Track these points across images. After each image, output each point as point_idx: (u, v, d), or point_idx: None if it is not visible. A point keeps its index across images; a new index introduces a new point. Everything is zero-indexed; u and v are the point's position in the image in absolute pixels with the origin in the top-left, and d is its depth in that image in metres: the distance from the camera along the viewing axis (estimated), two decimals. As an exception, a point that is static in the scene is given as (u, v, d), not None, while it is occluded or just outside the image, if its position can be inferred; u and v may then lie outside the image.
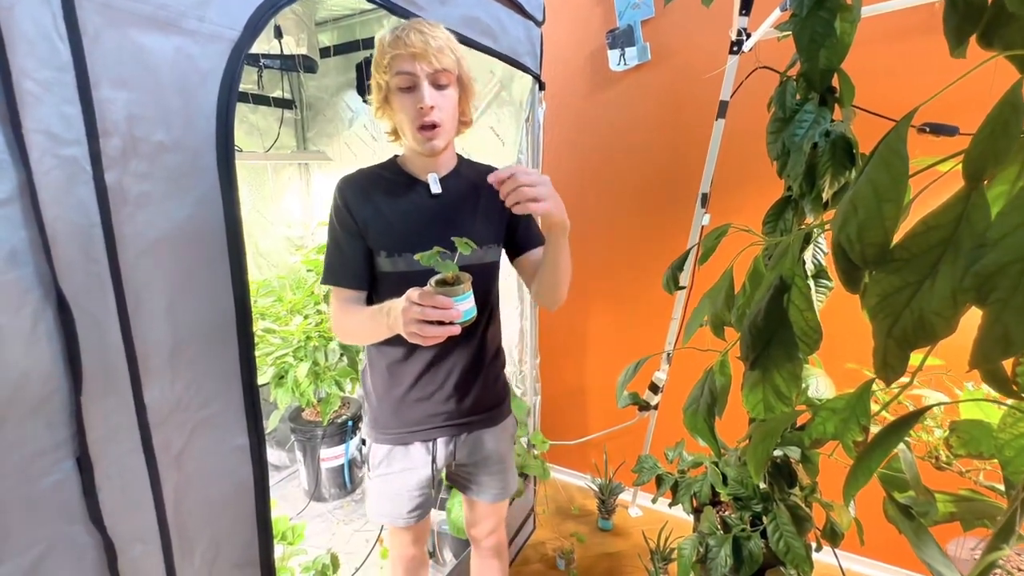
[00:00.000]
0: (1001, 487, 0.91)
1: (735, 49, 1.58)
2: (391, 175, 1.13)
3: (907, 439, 0.78)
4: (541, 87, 1.81)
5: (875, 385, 0.57)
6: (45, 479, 0.63)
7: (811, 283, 0.97)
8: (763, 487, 1.13)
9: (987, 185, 0.37)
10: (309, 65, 2.11)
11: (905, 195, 0.41)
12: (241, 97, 2.21)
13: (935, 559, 0.67)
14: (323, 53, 2.31)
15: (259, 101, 2.31)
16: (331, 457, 2.26)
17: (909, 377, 0.50)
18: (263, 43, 1.96)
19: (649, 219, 2.19)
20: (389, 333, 0.98)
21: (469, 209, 1.15)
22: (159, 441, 0.75)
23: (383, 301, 1.11)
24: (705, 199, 1.79)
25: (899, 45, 1.63)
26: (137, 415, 0.72)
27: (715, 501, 1.35)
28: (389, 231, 1.08)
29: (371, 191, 1.10)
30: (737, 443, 1.31)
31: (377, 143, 2.41)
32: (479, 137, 2.05)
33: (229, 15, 0.77)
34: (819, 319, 0.61)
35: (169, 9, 0.69)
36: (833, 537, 1.08)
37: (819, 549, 1.10)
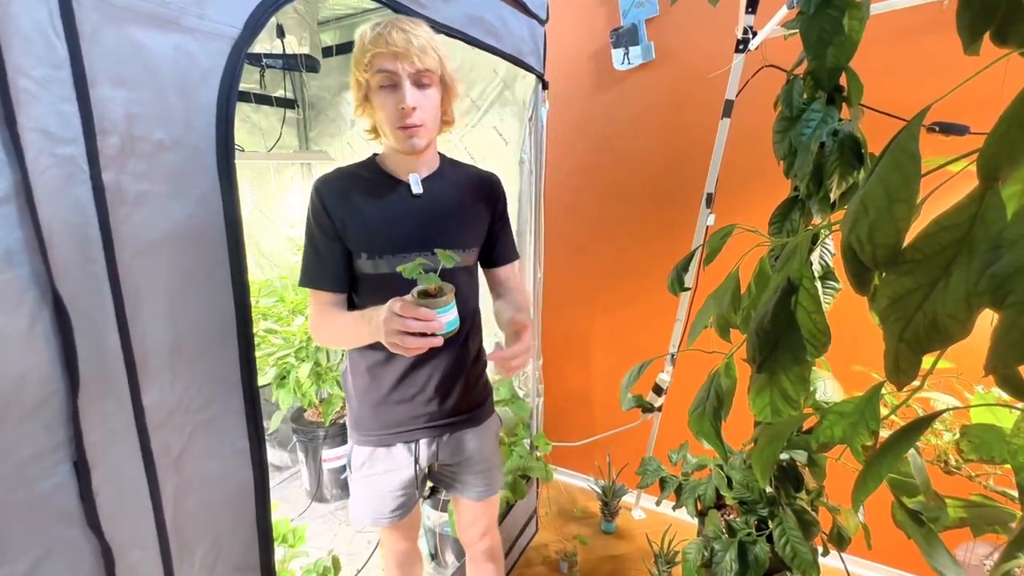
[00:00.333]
0: (1012, 492, 0.90)
1: (741, 47, 1.56)
2: (370, 175, 1.11)
3: (916, 443, 0.77)
4: (544, 86, 1.80)
5: (884, 388, 0.56)
6: (42, 483, 0.63)
7: (818, 285, 0.96)
8: (769, 491, 1.12)
9: (1002, 185, 0.36)
10: (311, 65, 2.10)
11: (917, 195, 0.40)
12: (243, 97, 2.21)
13: (946, 566, 0.66)
14: (325, 52, 2.31)
15: (261, 101, 2.30)
16: (333, 458, 2.25)
17: (919, 381, 0.49)
18: (265, 42, 1.96)
19: (653, 219, 2.17)
20: (369, 340, 0.98)
21: (451, 211, 1.13)
22: (158, 444, 0.74)
23: (364, 302, 1.11)
24: (710, 199, 1.78)
25: (907, 43, 1.61)
26: (135, 418, 0.71)
27: (720, 504, 1.33)
28: (369, 233, 1.06)
29: (350, 191, 1.07)
30: (742, 446, 1.29)
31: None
32: (483, 136, 2.04)
33: (229, 12, 0.76)
34: (827, 321, 0.60)
35: (168, 6, 0.68)
36: (840, 541, 1.07)
37: (826, 554, 1.09)
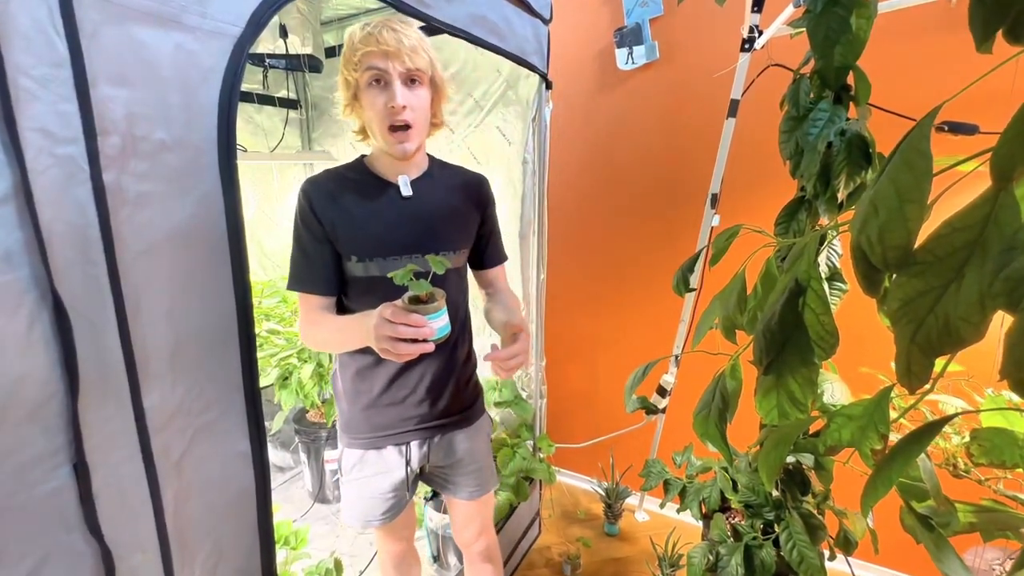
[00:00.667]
0: (1023, 496, 0.88)
1: (746, 46, 1.55)
2: (359, 176, 1.10)
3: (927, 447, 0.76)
4: (548, 86, 1.79)
5: (892, 391, 0.55)
6: (41, 486, 0.62)
7: (825, 286, 0.95)
8: (775, 494, 1.11)
9: (1015, 185, 0.35)
10: (314, 65, 2.10)
11: (928, 195, 0.39)
12: (246, 97, 2.21)
13: (957, 572, 0.65)
14: (328, 53, 2.30)
15: (264, 101, 2.30)
16: (335, 459, 2.24)
17: (930, 383, 0.48)
18: (268, 43, 1.96)
19: (657, 220, 2.16)
20: (360, 345, 0.98)
21: (441, 213, 1.12)
22: (158, 447, 0.74)
23: (354, 305, 1.10)
24: (715, 199, 1.77)
25: (915, 41, 1.60)
26: (136, 420, 0.70)
27: (725, 507, 1.32)
28: (359, 235, 1.05)
29: (338, 193, 1.06)
30: (748, 449, 1.28)
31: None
32: (486, 137, 2.03)
33: (231, 11, 0.75)
34: (835, 323, 0.59)
35: (170, 4, 0.68)
36: (847, 546, 1.06)
37: (832, 558, 1.08)
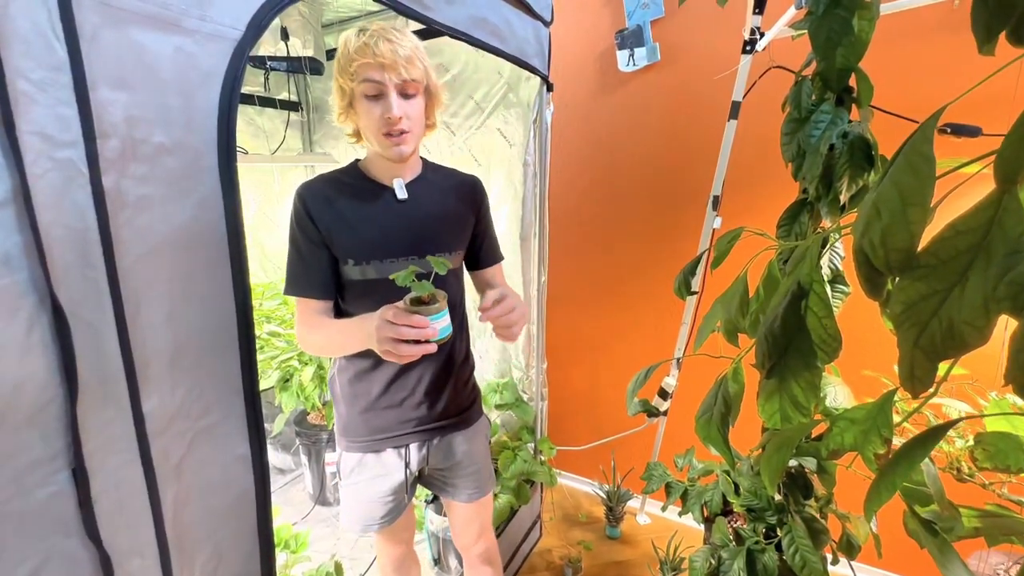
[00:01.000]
0: (1027, 501, 0.88)
1: (748, 48, 1.55)
2: (353, 180, 1.10)
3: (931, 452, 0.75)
4: (549, 88, 1.79)
5: (896, 395, 0.54)
6: (39, 491, 0.62)
7: (828, 289, 0.94)
8: (777, 498, 1.10)
9: (1020, 188, 0.35)
10: (315, 67, 2.10)
11: (931, 198, 0.39)
12: (247, 99, 2.21)
13: (961, 577, 0.64)
14: (329, 55, 2.30)
15: (265, 103, 2.31)
16: (335, 461, 2.24)
17: (933, 387, 0.48)
18: (270, 45, 1.96)
19: (659, 222, 2.16)
20: (360, 348, 0.97)
21: (436, 215, 1.13)
22: (158, 451, 0.73)
23: (351, 309, 1.10)
24: (717, 202, 1.76)
25: (917, 43, 1.59)
26: (135, 425, 0.70)
27: (727, 511, 1.32)
28: (355, 239, 1.05)
29: (334, 198, 1.06)
30: (750, 452, 1.28)
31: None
32: (487, 139, 2.03)
33: (231, 14, 0.75)
34: (838, 326, 0.58)
35: (169, 8, 0.68)
36: (850, 550, 1.05)
37: (835, 562, 1.07)
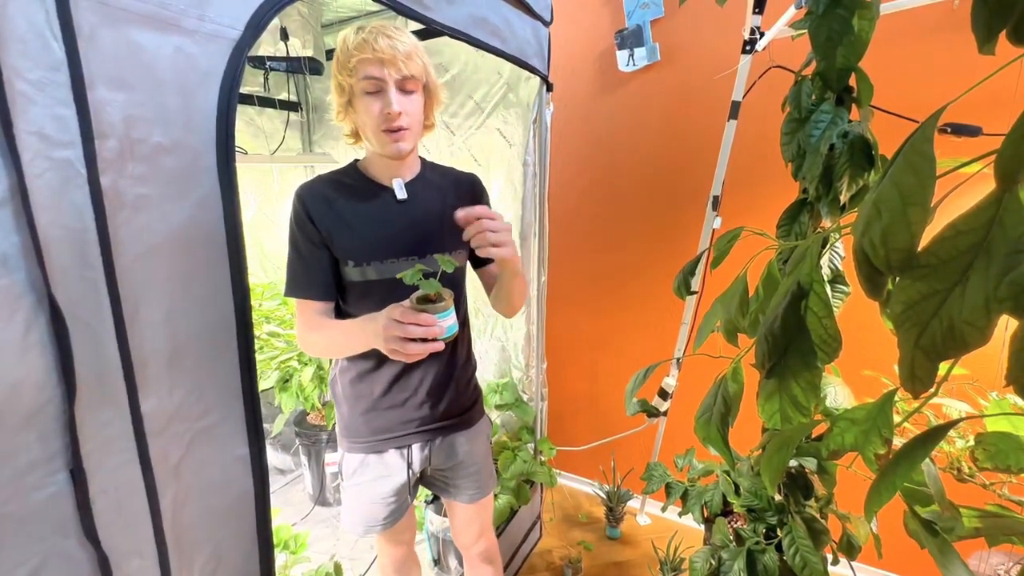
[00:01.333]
0: (1027, 501, 0.88)
1: (748, 48, 1.55)
2: (353, 181, 1.10)
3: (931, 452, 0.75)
4: (549, 88, 1.79)
5: (897, 395, 0.54)
6: (37, 492, 0.62)
7: (828, 289, 0.94)
8: (777, 499, 1.10)
9: (1021, 187, 0.35)
10: (315, 67, 2.10)
11: (932, 198, 0.38)
12: (247, 99, 2.21)
13: (961, 578, 0.64)
14: (329, 55, 2.30)
15: (265, 103, 2.30)
16: (336, 462, 2.24)
17: (934, 388, 0.48)
18: (269, 45, 1.96)
19: (658, 222, 2.16)
20: (365, 348, 0.97)
21: (436, 214, 1.12)
22: (156, 452, 0.73)
23: (352, 310, 1.10)
24: (716, 202, 1.76)
25: (917, 43, 1.59)
26: (133, 425, 0.70)
27: (727, 511, 1.31)
28: (355, 239, 1.05)
29: (333, 198, 1.06)
30: (750, 452, 1.28)
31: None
32: (486, 139, 2.03)
33: (230, 14, 0.75)
34: (838, 326, 0.58)
35: (168, 7, 0.68)
36: (850, 550, 1.05)
37: (836, 562, 1.07)
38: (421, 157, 1.19)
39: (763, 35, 1.51)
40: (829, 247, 0.96)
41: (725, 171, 1.72)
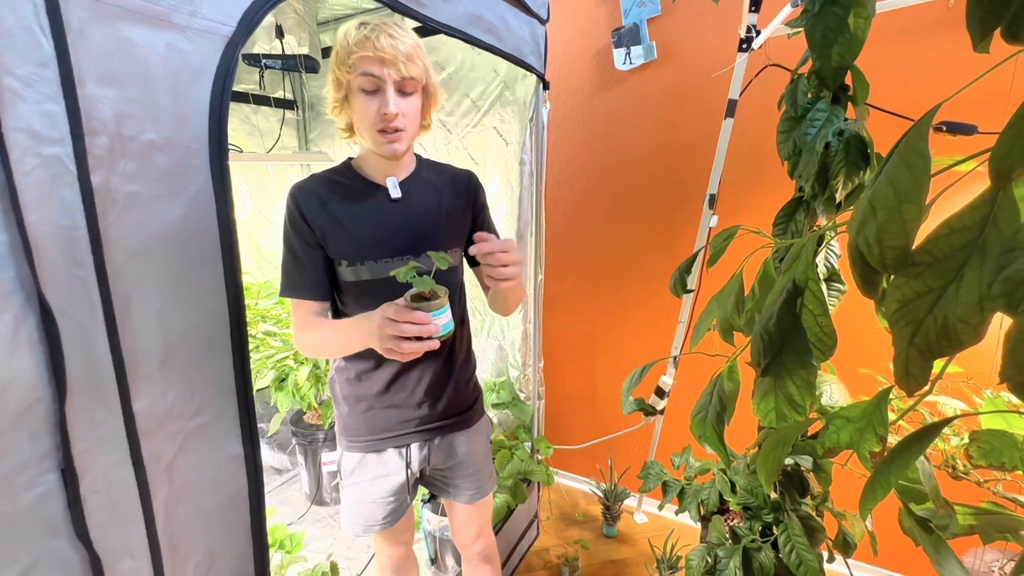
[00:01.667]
0: (1023, 498, 0.88)
1: (744, 47, 1.55)
2: (347, 180, 1.09)
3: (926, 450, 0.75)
4: (545, 86, 1.79)
5: (892, 393, 0.54)
6: (27, 492, 0.61)
7: (823, 287, 0.94)
8: (773, 496, 1.10)
9: (1014, 185, 0.35)
10: (311, 65, 2.09)
11: (927, 196, 0.38)
12: (242, 97, 2.20)
13: (955, 575, 0.64)
14: (325, 53, 2.29)
15: (260, 102, 2.29)
16: (332, 461, 2.24)
17: (928, 385, 0.48)
18: (264, 43, 1.95)
19: (655, 220, 2.16)
20: (361, 348, 0.96)
21: (432, 213, 1.11)
22: (149, 452, 0.73)
23: (348, 310, 1.09)
24: (713, 200, 1.76)
25: (913, 41, 1.59)
26: (125, 425, 0.69)
27: (723, 509, 1.31)
28: (349, 239, 1.04)
29: (327, 198, 1.05)
30: (746, 450, 1.28)
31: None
32: (483, 137, 2.03)
33: (222, 10, 0.74)
34: (833, 325, 0.58)
35: (159, 3, 0.67)
36: (846, 548, 1.05)
37: (831, 560, 1.07)
38: (416, 154, 1.18)
39: (759, 33, 1.51)
40: (825, 245, 0.96)
41: (722, 169, 1.72)
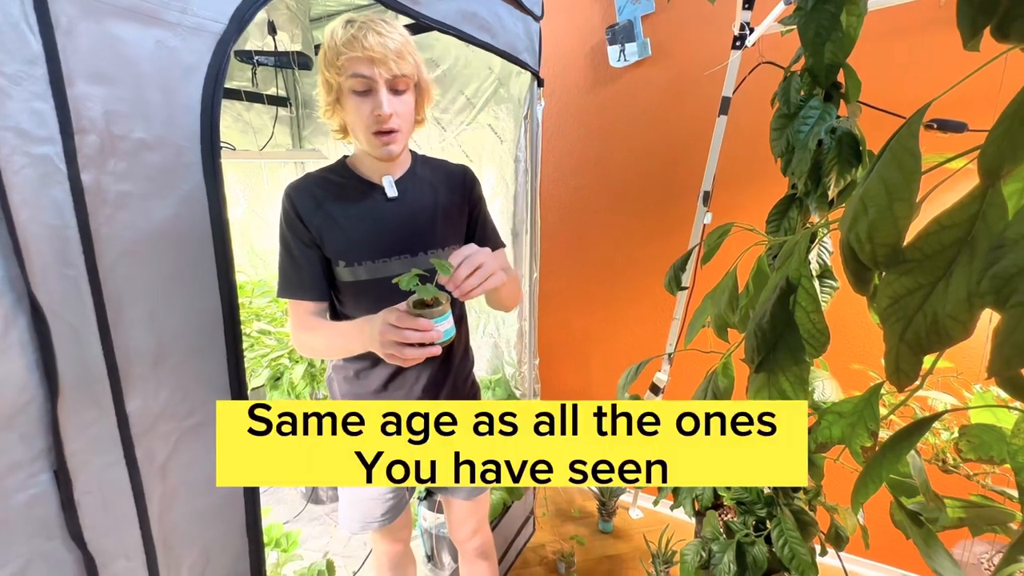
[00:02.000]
0: (1011, 491, 0.89)
1: (737, 44, 1.55)
2: (342, 179, 1.07)
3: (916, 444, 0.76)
4: (540, 84, 1.78)
5: (883, 388, 0.55)
6: (20, 494, 0.61)
7: (816, 284, 0.95)
8: (767, 491, 1.11)
9: (1003, 183, 0.35)
10: (304, 62, 2.08)
11: (917, 193, 0.39)
12: (235, 94, 2.18)
13: (945, 567, 0.65)
14: (318, 50, 2.28)
15: (253, 99, 2.28)
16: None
17: (919, 381, 0.48)
18: (257, 39, 1.93)
19: (649, 218, 2.16)
20: (361, 351, 0.95)
21: (429, 212, 1.10)
22: (142, 452, 0.72)
23: (346, 310, 1.09)
24: (707, 197, 1.76)
25: (904, 39, 1.60)
26: (119, 425, 0.69)
27: (717, 505, 1.32)
28: (346, 239, 1.03)
29: (323, 197, 1.04)
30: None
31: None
32: (477, 134, 2.02)
33: (213, 7, 0.74)
34: (826, 321, 0.59)
35: (149, 0, 0.66)
36: (838, 541, 1.06)
37: (824, 553, 1.08)
38: (412, 151, 1.16)
39: (753, 31, 1.52)
40: (818, 242, 0.96)
41: (716, 166, 1.73)
